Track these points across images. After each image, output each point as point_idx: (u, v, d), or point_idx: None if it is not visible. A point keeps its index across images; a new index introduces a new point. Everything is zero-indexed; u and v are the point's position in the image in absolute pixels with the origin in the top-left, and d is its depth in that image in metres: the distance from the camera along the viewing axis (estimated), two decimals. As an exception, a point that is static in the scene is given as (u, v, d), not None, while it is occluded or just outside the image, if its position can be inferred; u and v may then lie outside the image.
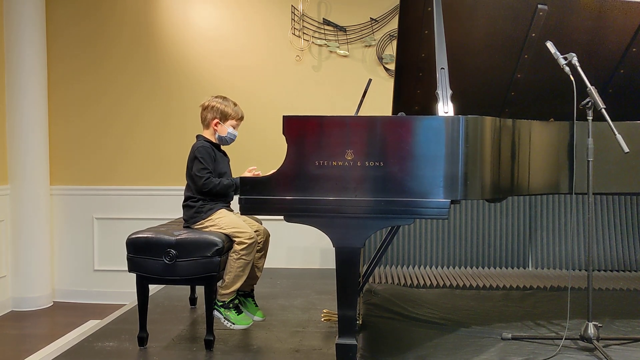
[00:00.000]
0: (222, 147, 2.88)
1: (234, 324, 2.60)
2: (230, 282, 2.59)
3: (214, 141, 2.80)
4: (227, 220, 2.64)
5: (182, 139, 4.31)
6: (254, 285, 2.90)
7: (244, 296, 2.83)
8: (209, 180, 2.65)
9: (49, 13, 4.42)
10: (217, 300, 2.61)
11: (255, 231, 2.69)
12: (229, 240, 2.61)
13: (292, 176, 2.01)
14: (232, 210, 2.78)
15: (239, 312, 2.65)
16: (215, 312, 2.59)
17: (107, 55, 4.50)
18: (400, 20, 2.45)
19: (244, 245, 2.57)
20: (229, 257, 2.59)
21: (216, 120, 2.77)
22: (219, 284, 2.62)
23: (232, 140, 2.83)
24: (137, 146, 4.52)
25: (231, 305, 2.63)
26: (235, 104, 2.83)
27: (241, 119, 2.85)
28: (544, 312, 2.99)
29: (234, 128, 2.81)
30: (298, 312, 3.15)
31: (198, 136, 2.81)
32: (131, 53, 4.49)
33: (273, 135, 3.86)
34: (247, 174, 2.75)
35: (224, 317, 2.61)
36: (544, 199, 4.13)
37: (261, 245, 2.80)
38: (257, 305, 2.88)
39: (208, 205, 2.69)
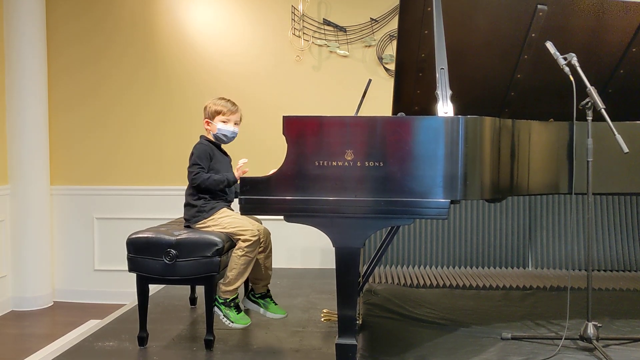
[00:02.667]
0: (225, 147, 2.87)
1: (232, 322, 2.60)
2: (234, 279, 2.58)
3: (213, 140, 2.81)
4: (230, 220, 2.65)
5: (183, 139, 4.31)
6: (269, 286, 2.89)
7: (262, 297, 2.83)
8: (198, 175, 2.65)
9: (48, 13, 4.43)
10: (219, 297, 2.61)
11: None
12: (229, 240, 2.61)
13: (292, 176, 2.01)
14: (233, 210, 2.78)
15: (239, 311, 2.65)
16: (215, 309, 2.59)
17: (107, 54, 4.51)
18: (400, 20, 2.45)
19: (249, 243, 2.58)
20: (233, 254, 2.60)
21: (206, 120, 2.79)
22: (221, 280, 2.62)
23: (227, 136, 2.78)
24: (138, 146, 4.52)
25: (232, 304, 2.63)
26: (226, 100, 2.80)
27: (233, 112, 2.78)
28: (544, 312, 2.99)
29: (224, 123, 2.76)
30: (298, 312, 3.16)
31: (200, 136, 2.82)
32: (130, 52, 4.49)
33: (273, 135, 3.86)
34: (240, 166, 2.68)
35: (223, 315, 2.60)
36: (544, 199, 4.13)
37: (264, 246, 2.79)
38: (276, 304, 2.85)
39: (210, 204, 2.69)
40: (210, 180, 2.65)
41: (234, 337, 2.70)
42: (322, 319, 2.73)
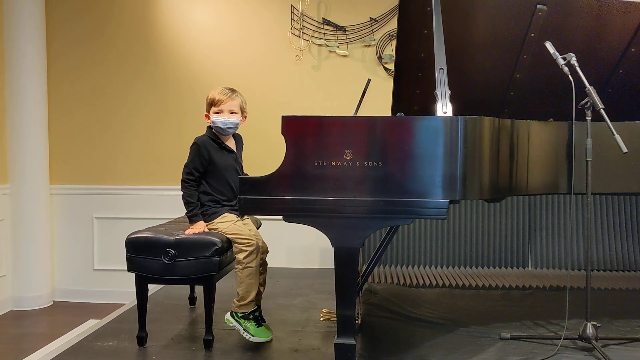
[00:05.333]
0: (233, 139, 2.81)
1: (252, 336, 2.55)
2: (245, 293, 2.54)
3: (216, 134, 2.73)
4: (228, 225, 2.61)
5: (182, 139, 4.30)
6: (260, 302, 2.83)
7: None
8: (187, 183, 2.64)
9: (48, 15, 4.43)
10: (237, 312, 2.57)
11: None
12: (229, 240, 2.59)
13: (291, 176, 2.01)
14: (237, 214, 2.71)
15: (259, 324, 2.60)
16: (235, 323, 2.56)
17: (107, 54, 4.51)
18: (399, 20, 2.45)
19: (245, 253, 2.53)
20: (235, 269, 2.56)
21: (205, 114, 2.73)
22: (234, 299, 2.58)
23: (222, 128, 2.67)
24: (138, 146, 4.52)
25: (251, 316, 2.57)
26: (223, 87, 2.71)
27: (227, 99, 2.65)
28: (543, 311, 2.99)
29: (217, 114, 2.65)
30: (297, 312, 3.16)
31: (207, 128, 2.76)
32: (130, 51, 4.49)
33: (272, 135, 3.86)
34: None
35: (244, 329, 2.56)
36: (543, 199, 4.13)
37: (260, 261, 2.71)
38: (264, 321, 2.73)
39: (213, 208, 2.66)
40: (190, 200, 2.64)
41: (233, 337, 2.70)
42: (322, 319, 2.73)
